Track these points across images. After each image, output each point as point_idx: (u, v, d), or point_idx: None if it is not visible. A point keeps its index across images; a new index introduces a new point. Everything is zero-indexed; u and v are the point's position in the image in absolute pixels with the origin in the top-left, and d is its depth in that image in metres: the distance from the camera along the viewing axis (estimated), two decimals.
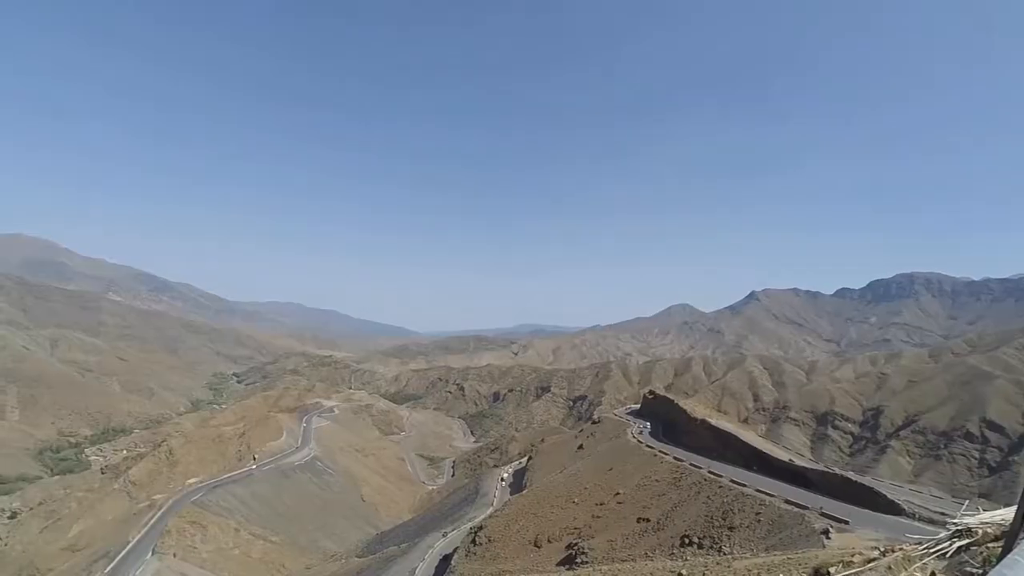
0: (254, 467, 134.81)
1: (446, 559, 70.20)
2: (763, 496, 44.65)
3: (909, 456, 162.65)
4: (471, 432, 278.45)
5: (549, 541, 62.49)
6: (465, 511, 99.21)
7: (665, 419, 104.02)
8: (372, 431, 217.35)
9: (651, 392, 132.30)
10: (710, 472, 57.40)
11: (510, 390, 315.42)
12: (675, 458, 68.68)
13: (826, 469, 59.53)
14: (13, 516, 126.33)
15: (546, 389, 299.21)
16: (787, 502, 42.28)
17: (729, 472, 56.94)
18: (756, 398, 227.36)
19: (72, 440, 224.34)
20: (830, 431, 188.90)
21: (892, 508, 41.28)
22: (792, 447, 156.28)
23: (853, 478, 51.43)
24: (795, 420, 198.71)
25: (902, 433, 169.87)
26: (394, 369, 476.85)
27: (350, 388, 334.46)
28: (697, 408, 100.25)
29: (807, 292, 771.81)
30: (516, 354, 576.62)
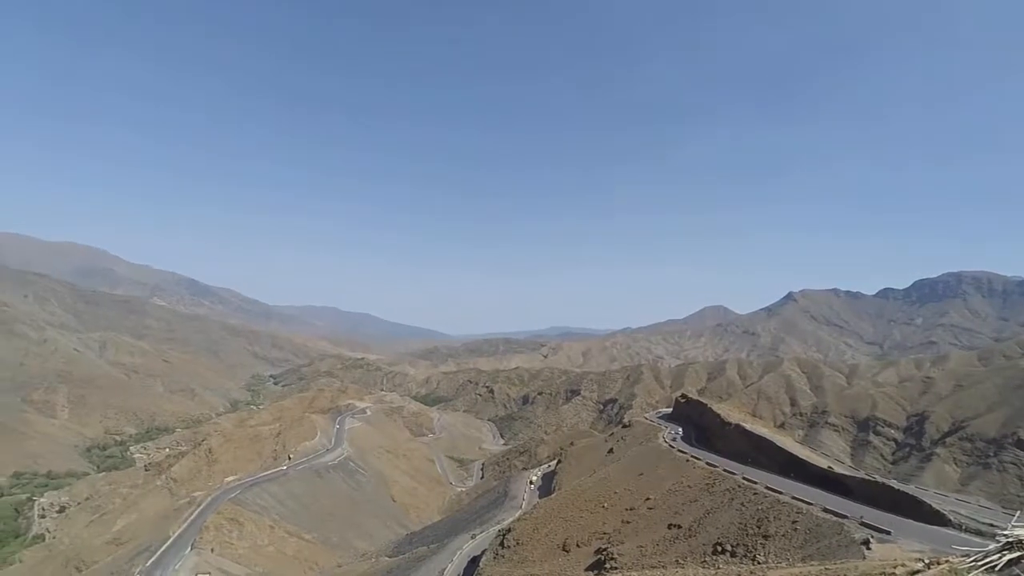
0: (286, 468, 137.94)
1: (474, 561, 70.27)
2: (800, 504, 43.23)
3: (956, 464, 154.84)
4: (500, 434, 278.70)
5: (578, 545, 61.86)
6: (494, 513, 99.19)
7: (698, 423, 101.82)
8: (403, 432, 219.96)
9: (683, 396, 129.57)
10: (744, 478, 55.90)
11: (539, 393, 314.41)
12: (708, 463, 67.17)
13: (867, 477, 57.22)
14: (62, 510, 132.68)
15: (576, 392, 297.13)
16: (825, 510, 40.86)
17: (764, 479, 55.30)
18: (793, 403, 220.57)
19: (118, 438, 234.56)
20: (872, 437, 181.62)
21: (937, 518, 39.34)
22: (831, 454, 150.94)
23: (896, 486, 49.29)
24: (834, 426, 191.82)
25: (948, 440, 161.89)
26: (424, 371, 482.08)
27: (382, 390, 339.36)
28: (731, 412, 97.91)
29: (847, 293, 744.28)
30: (545, 357, 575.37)
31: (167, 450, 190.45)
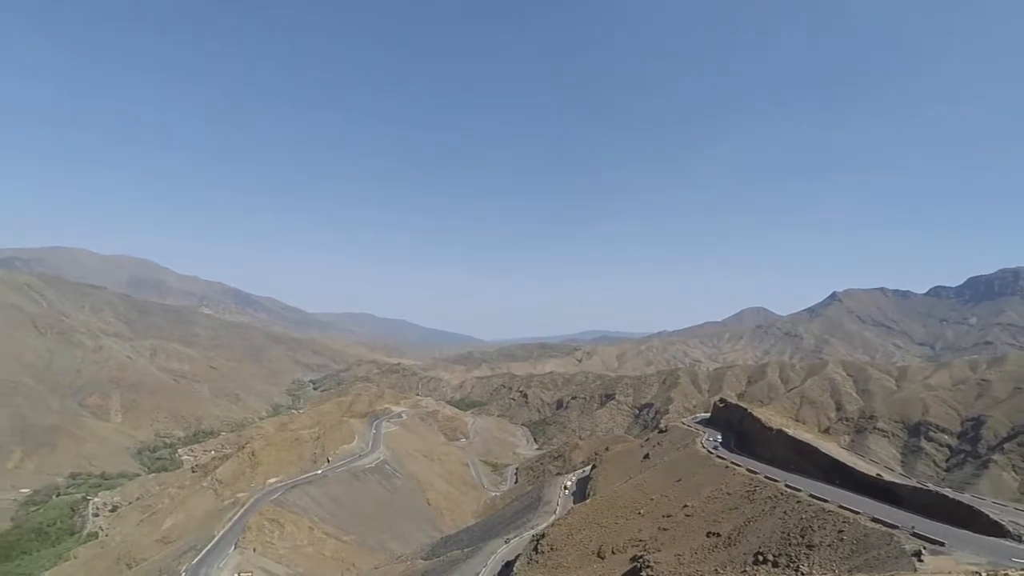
0: (324, 471, 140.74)
1: (508, 566, 70.01)
2: (846, 513, 41.54)
3: (1015, 472, 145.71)
4: (534, 439, 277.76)
5: (613, 552, 60.88)
6: (527, 518, 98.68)
7: (737, 429, 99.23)
8: (438, 436, 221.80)
9: (722, 400, 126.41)
10: (787, 486, 54.13)
11: (573, 397, 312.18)
12: (748, 470, 65.33)
13: (919, 485, 54.43)
14: (114, 509, 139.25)
15: (611, 396, 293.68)
16: (874, 520, 39.12)
17: (808, 486, 53.37)
18: (839, 407, 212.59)
19: (167, 441, 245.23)
20: (923, 443, 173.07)
21: (995, 529, 37.24)
22: (880, 460, 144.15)
23: (950, 495, 46.99)
24: (883, 431, 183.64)
25: (1007, 446, 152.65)
26: (459, 376, 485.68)
27: (417, 395, 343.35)
28: (773, 417, 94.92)
29: (896, 291, 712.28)
30: (580, 361, 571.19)
31: (213, 452, 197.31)
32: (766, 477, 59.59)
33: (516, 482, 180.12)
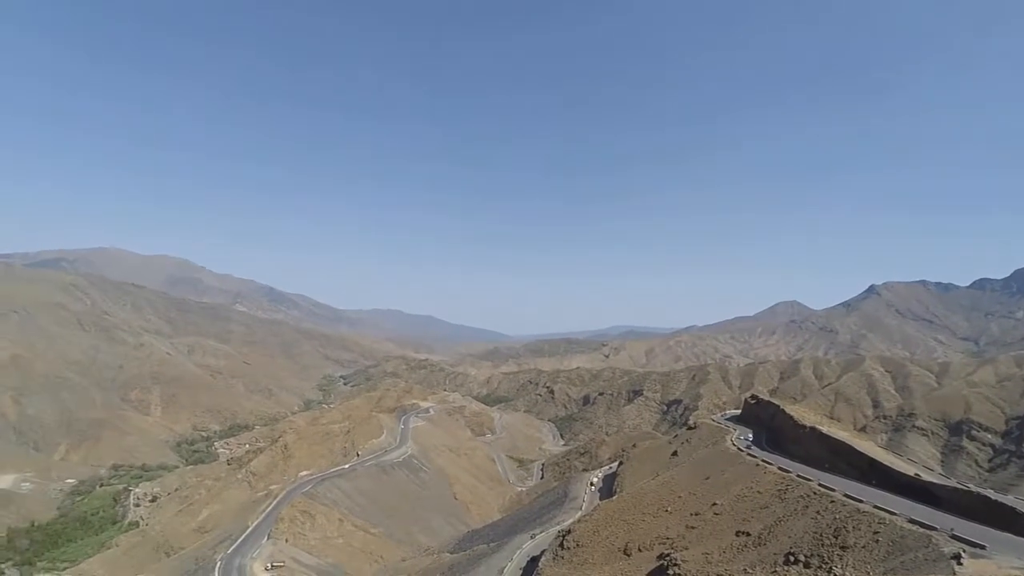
0: (353, 464, 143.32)
1: (534, 561, 70.01)
2: (882, 513, 40.04)
3: None
4: (560, 435, 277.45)
5: (640, 550, 60.23)
6: (553, 514, 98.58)
7: (769, 426, 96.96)
8: (464, 432, 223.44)
9: (753, 397, 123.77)
10: (820, 485, 52.57)
11: (600, 393, 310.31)
12: (780, 468, 63.68)
13: (959, 486, 52.08)
14: (154, 500, 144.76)
15: (638, 392, 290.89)
16: (911, 521, 37.66)
17: (842, 486, 51.67)
18: (876, 404, 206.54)
19: (204, 434, 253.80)
20: (965, 443, 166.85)
21: None
22: (918, 460, 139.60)
23: (992, 497, 44.86)
24: (922, 429, 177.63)
25: None
26: (485, 372, 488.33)
27: (444, 390, 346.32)
28: (806, 415, 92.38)
29: (937, 284, 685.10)
30: (607, 356, 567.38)
31: (247, 446, 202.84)
32: (798, 476, 57.99)
33: (542, 478, 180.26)
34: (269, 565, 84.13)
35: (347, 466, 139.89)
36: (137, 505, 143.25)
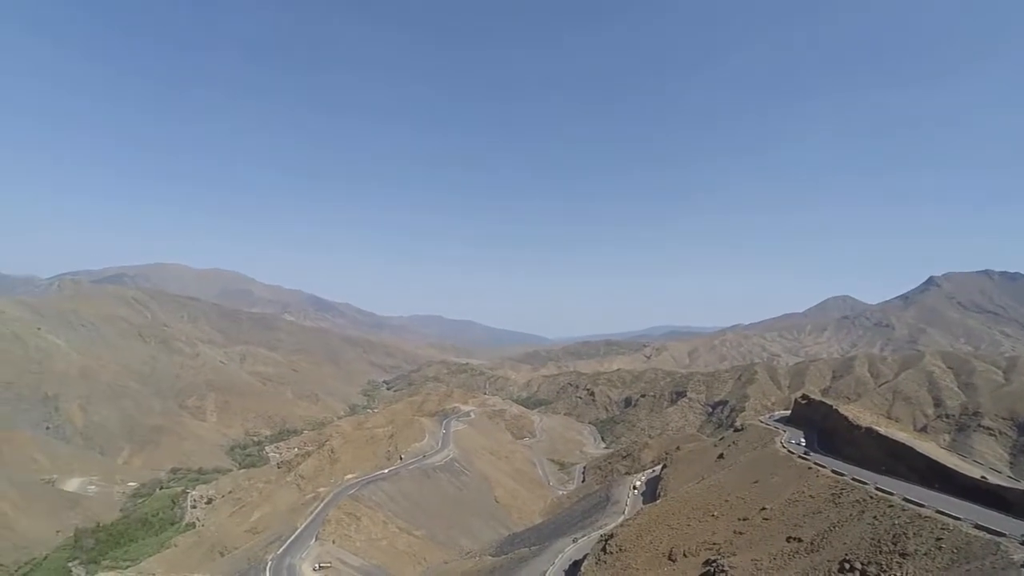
0: (396, 468, 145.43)
1: (575, 565, 69.14)
2: (945, 519, 38.01)
3: None
4: (602, 438, 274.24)
5: (685, 555, 58.56)
6: (595, 518, 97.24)
7: (821, 427, 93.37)
8: (505, 435, 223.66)
9: (804, 397, 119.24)
10: (877, 489, 50.33)
11: (642, 395, 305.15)
12: (833, 471, 61.28)
13: None
14: (209, 502, 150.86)
15: (682, 394, 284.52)
16: (977, 527, 35.62)
17: (902, 489, 49.14)
18: (937, 403, 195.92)
19: (255, 439, 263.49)
20: None
21: None
22: (985, 462, 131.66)
23: None
24: (989, 429, 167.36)
25: None
26: (526, 375, 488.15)
27: (485, 394, 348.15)
28: (861, 415, 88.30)
29: (1003, 274, 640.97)
30: (649, 357, 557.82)
31: (296, 450, 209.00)
32: (853, 479, 55.47)
33: (583, 481, 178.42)
34: (317, 565, 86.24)
35: (390, 469, 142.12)
36: (194, 507, 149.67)
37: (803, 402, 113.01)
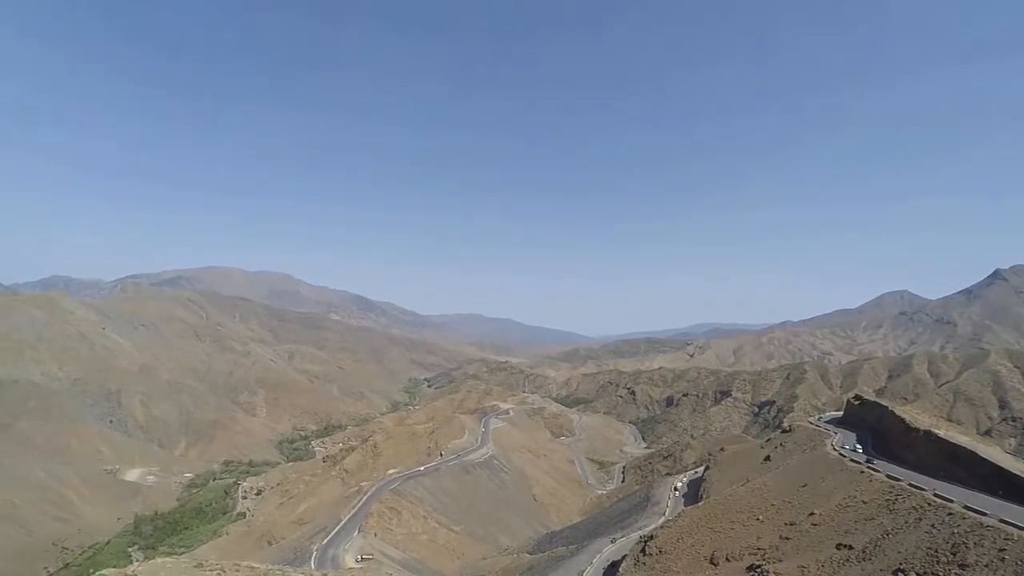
0: (434, 464, 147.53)
1: (614, 566, 68.36)
2: (1010, 528, 35.52)
3: None
4: (642, 437, 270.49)
5: (728, 560, 57.05)
6: (635, 519, 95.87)
7: (875, 429, 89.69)
8: (544, 433, 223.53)
9: (857, 397, 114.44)
10: (935, 495, 47.74)
11: (685, 394, 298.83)
12: (888, 476, 58.65)
13: None
14: (259, 493, 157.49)
15: (726, 393, 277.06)
16: None
17: (962, 496, 46.42)
18: (1003, 405, 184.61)
19: (302, 433, 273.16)
20: None
21: None
22: None
23: None
24: None
25: None
26: (564, 373, 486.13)
27: (524, 392, 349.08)
28: (919, 417, 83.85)
29: None
30: (691, 356, 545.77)
31: (340, 445, 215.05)
32: (910, 484, 52.75)
33: (623, 481, 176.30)
34: (359, 557, 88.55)
35: (430, 466, 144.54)
36: (245, 498, 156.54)
37: (856, 403, 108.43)
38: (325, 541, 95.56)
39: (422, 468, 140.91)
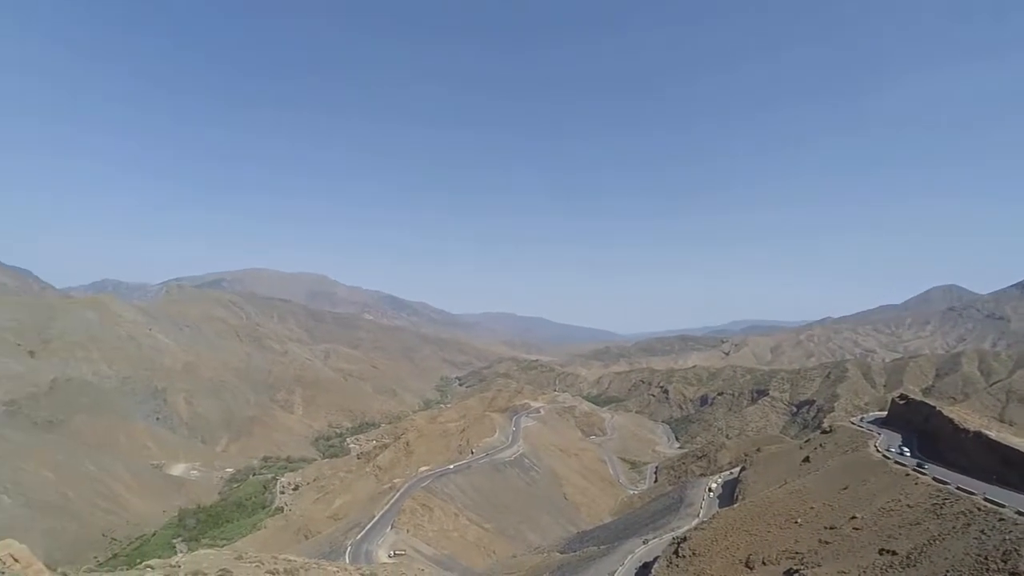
0: (465, 462, 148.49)
1: (646, 567, 67.52)
2: None
3: None
4: (675, 437, 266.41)
5: (764, 564, 55.66)
6: (668, 520, 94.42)
7: (922, 430, 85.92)
8: (574, 432, 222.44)
9: (902, 396, 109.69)
10: (986, 500, 45.63)
11: (720, 393, 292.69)
12: (935, 479, 56.33)
13: None
14: (296, 488, 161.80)
15: (763, 392, 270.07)
16: None
17: (1015, 501, 44.09)
18: None
19: (337, 431, 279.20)
20: None
21: None
22: None
23: None
24: None
25: None
26: (596, 372, 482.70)
27: (554, 390, 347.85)
28: (969, 417, 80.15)
29: None
30: (727, 354, 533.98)
31: (374, 442, 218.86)
32: (958, 488, 50.56)
33: (655, 481, 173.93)
34: (392, 552, 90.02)
35: (460, 463, 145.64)
36: (282, 493, 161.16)
37: (901, 402, 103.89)
38: (359, 536, 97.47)
39: (453, 466, 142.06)
